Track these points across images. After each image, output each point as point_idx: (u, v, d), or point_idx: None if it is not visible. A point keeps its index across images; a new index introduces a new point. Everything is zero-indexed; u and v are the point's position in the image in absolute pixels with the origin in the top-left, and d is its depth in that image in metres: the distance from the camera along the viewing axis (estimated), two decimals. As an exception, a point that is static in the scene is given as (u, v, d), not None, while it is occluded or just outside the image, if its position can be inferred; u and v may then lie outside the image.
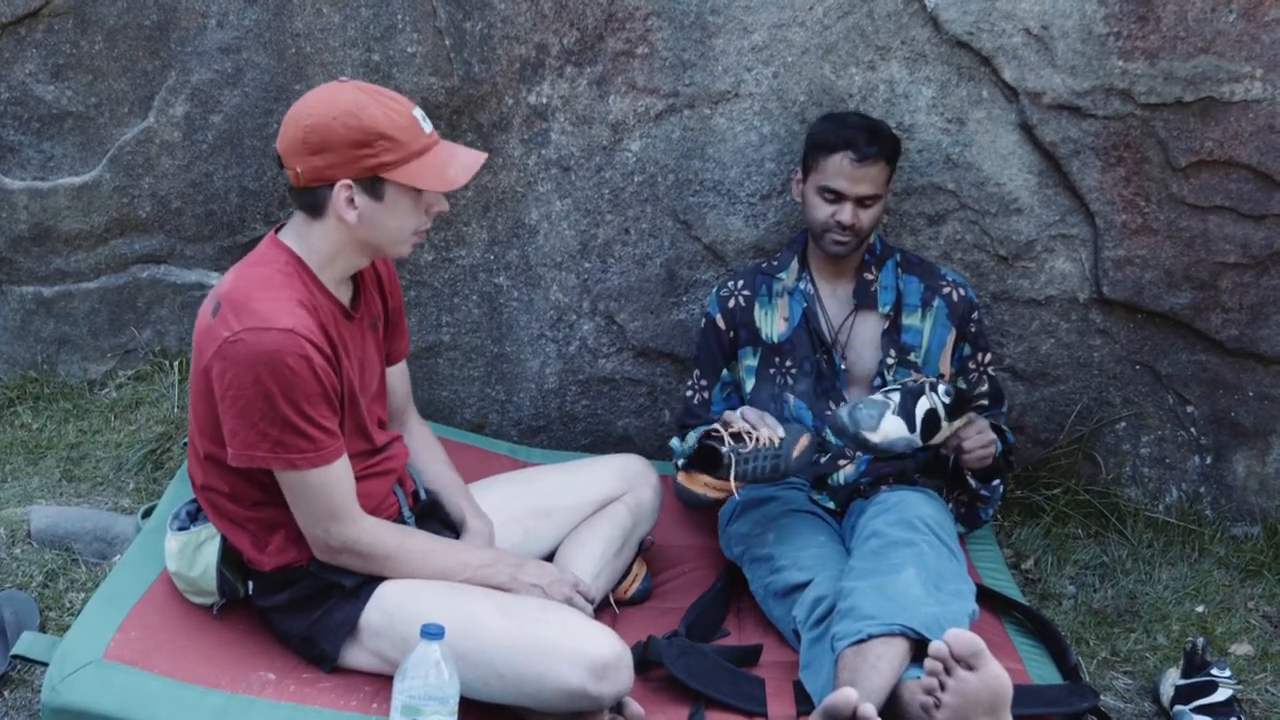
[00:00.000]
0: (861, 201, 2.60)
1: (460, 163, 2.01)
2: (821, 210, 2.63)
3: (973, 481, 2.61)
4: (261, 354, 1.89)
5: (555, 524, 2.46)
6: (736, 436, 2.40)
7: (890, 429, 2.37)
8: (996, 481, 2.67)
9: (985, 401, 2.68)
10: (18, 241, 3.29)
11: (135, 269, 3.30)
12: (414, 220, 2.03)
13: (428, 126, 2.00)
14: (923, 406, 2.38)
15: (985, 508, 2.69)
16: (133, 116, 3.17)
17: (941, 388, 2.40)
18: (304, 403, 1.93)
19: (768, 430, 2.41)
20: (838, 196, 2.60)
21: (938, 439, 2.44)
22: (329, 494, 2.00)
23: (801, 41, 2.90)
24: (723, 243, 3.06)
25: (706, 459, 2.46)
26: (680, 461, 2.78)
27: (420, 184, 1.97)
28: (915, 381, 2.45)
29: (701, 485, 2.44)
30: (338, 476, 2.01)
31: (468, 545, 2.22)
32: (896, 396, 2.40)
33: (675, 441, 2.78)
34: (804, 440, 2.41)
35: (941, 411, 2.40)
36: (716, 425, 2.48)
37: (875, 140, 2.59)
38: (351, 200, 1.97)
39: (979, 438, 2.49)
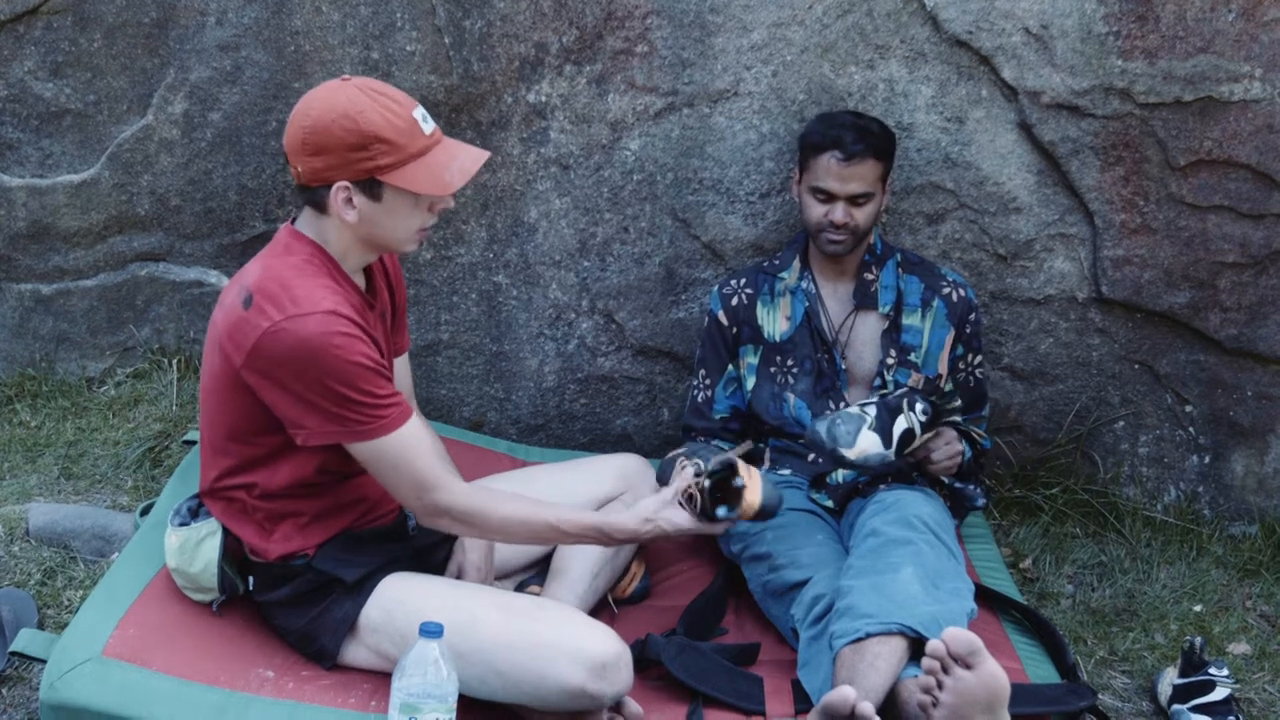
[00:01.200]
0: (854, 200, 2.60)
1: (458, 165, 1.99)
2: (815, 210, 2.64)
3: (945, 479, 2.63)
4: (307, 339, 1.89)
5: (554, 523, 2.46)
6: (689, 497, 2.16)
7: (866, 445, 2.38)
8: (973, 487, 2.69)
9: (958, 418, 2.65)
10: (16, 239, 3.28)
11: (134, 266, 3.30)
12: (417, 219, 2.02)
13: (428, 127, 1.99)
14: (900, 426, 2.39)
15: (973, 500, 2.70)
16: (131, 114, 3.16)
17: (919, 405, 2.39)
18: (357, 379, 1.93)
19: (689, 473, 2.17)
20: (829, 196, 2.61)
21: (908, 450, 2.46)
22: (409, 460, 1.99)
23: (801, 40, 2.90)
24: (722, 241, 3.06)
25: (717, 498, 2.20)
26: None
27: (416, 188, 1.96)
28: (894, 395, 2.44)
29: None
30: (413, 440, 2.00)
31: (564, 510, 2.14)
32: (874, 411, 2.40)
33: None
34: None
35: (918, 430, 2.40)
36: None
37: (862, 138, 2.59)
38: (350, 201, 1.96)
39: (946, 449, 2.54)
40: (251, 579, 2.15)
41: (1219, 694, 2.38)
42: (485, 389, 3.23)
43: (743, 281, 2.78)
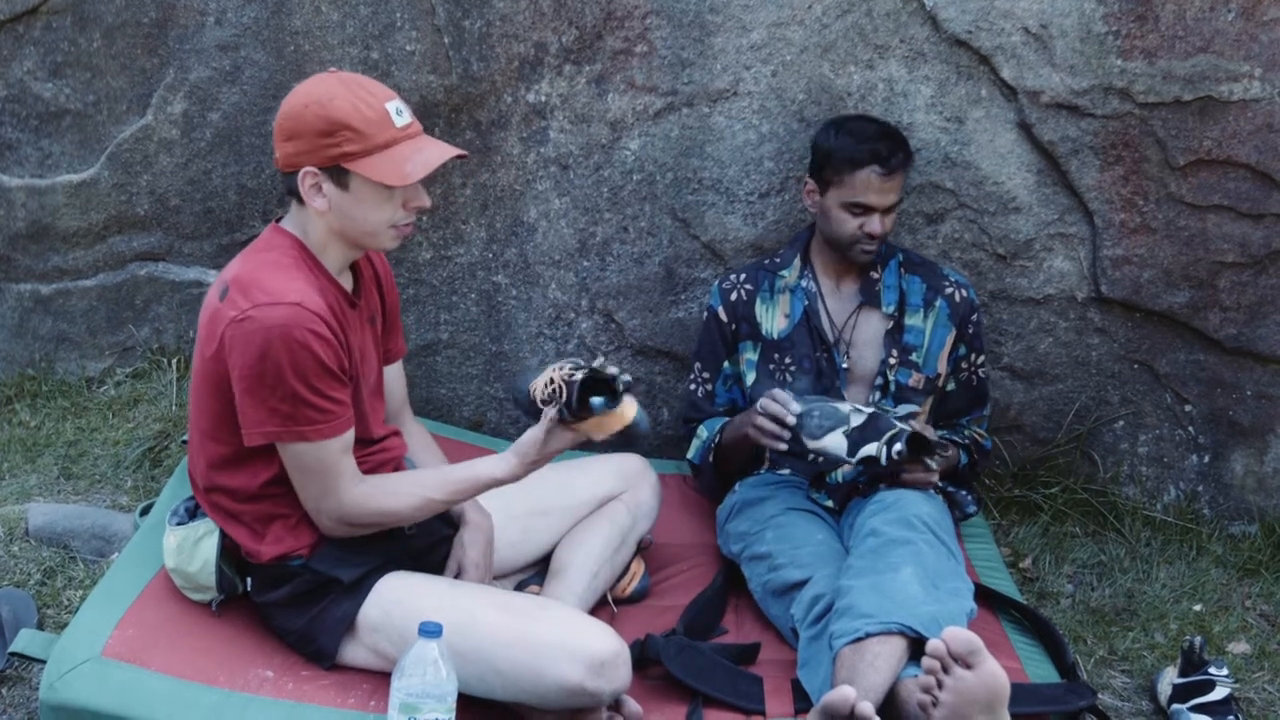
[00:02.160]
0: (888, 209, 2.60)
1: (422, 159, 1.99)
2: (849, 224, 2.62)
3: (939, 483, 2.64)
4: (270, 328, 1.90)
5: (554, 523, 2.46)
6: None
7: (829, 444, 2.39)
8: (964, 493, 2.70)
9: (933, 466, 2.53)
10: (16, 239, 3.28)
11: (133, 266, 3.30)
12: (387, 213, 2.02)
13: (401, 120, 1.99)
14: (866, 450, 2.36)
15: (964, 506, 2.70)
16: (131, 114, 3.17)
17: (898, 447, 2.34)
18: (312, 376, 1.94)
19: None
20: (866, 209, 2.60)
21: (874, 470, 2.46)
22: (329, 468, 2.00)
23: (800, 40, 2.90)
24: (721, 241, 3.06)
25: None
26: (692, 459, 2.80)
27: (374, 176, 1.96)
28: (889, 418, 2.41)
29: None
30: (341, 450, 2.02)
31: (440, 482, 2.12)
32: (860, 420, 2.38)
33: (695, 443, 2.80)
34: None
35: (883, 461, 2.37)
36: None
37: (898, 148, 2.59)
38: (319, 188, 1.98)
39: (922, 476, 2.52)
40: (250, 579, 2.15)
41: (1219, 694, 2.37)
42: (485, 389, 3.22)
43: (743, 278, 2.78)
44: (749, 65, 2.93)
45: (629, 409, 2.02)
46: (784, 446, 2.44)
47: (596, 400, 1.99)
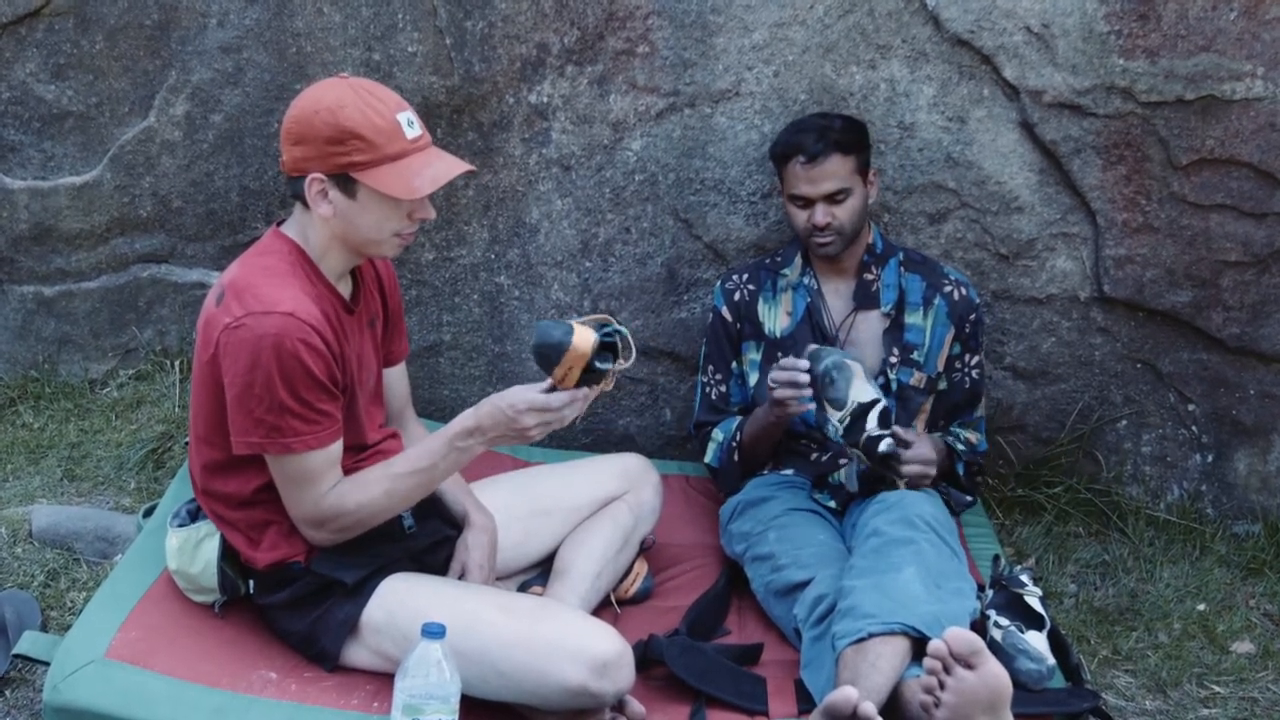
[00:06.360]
0: (831, 199, 2.61)
1: (431, 173, 1.98)
2: (798, 217, 2.67)
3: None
4: (263, 336, 1.90)
5: (556, 523, 2.46)
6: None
7: (840, 411, 2.41)
8: (959, 493, 2.70)
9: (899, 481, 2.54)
10: (19, 241, 3.29)
11: (136, 268, 3.31)
12: (393, 222, 2.02)
13: (412, 132, 1.98)
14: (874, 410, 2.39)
15: (959, 501, 2.70)
16: (133, 116, 3.17)
17: (883, 446, 2.38)
18: (301, 387, 1.94)
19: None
20: (806, 201, 2.63)
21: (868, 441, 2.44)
22: (310, 478, 2.00)
23: (802, 40, 2.90)
24: (723, 241, 3.06)
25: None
26: (710, 463, 2.79)
27: (383, 188, 1.96)
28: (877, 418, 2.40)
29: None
30: (326, 462, 2.02)
31: (420, 453, 2.07)
32: (867, 399, 2.40)
33: (712, 446, 2.80)
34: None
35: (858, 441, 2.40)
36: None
37: (823, 136, 2.61)
38: (325, 194, 1.98)
39: (917, 469, 2.49)
40: (252, 581, 2.15)
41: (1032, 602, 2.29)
42: (488, 390, 3.22)
43: (745, 277, 2.79)
44: (751, 65, 2.93)
45: (584, 339, 1.92)
46: (810, 406, 2.44)
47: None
